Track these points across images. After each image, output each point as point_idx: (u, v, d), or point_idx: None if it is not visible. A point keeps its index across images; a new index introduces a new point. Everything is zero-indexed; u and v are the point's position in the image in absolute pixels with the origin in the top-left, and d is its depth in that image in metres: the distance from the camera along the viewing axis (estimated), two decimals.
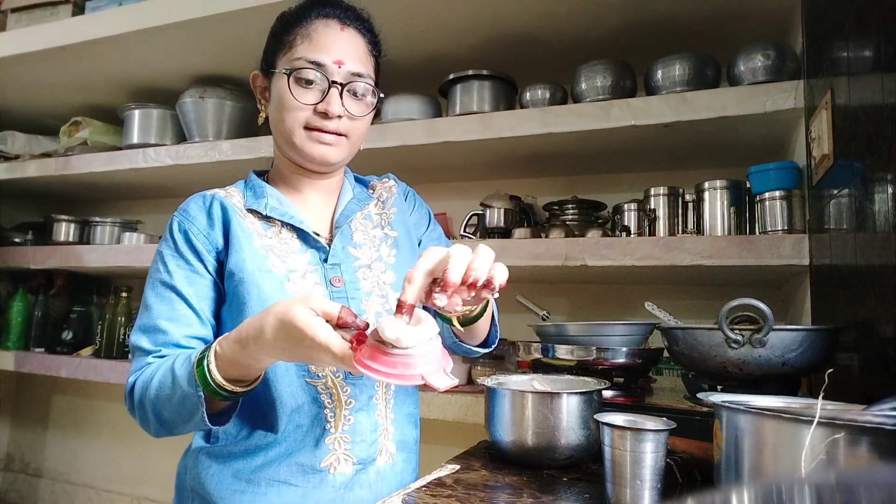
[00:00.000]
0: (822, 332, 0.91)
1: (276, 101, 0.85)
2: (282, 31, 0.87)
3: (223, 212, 0.85)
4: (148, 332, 0.79)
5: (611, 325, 1.17)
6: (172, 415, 0.73)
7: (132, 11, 1.75)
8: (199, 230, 0.83)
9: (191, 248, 0.82)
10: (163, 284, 0.80)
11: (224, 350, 0.69)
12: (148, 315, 0.80)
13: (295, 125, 0.83)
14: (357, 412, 0.82)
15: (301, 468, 0.79)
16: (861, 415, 0.57)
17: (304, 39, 0.83)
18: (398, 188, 1.00)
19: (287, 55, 0.84)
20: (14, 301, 2.31)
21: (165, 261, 0.82)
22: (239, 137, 1.91)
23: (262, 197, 0.87)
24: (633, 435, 0.68)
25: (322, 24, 0.84)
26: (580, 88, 1.52)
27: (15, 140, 2.32)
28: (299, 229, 0.86)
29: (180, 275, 0.81)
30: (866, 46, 0.85)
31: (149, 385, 0.74)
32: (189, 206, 0.86)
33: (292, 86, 0.82)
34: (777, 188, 1.32)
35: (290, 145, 0.85)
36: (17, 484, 2.74)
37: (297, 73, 0.82)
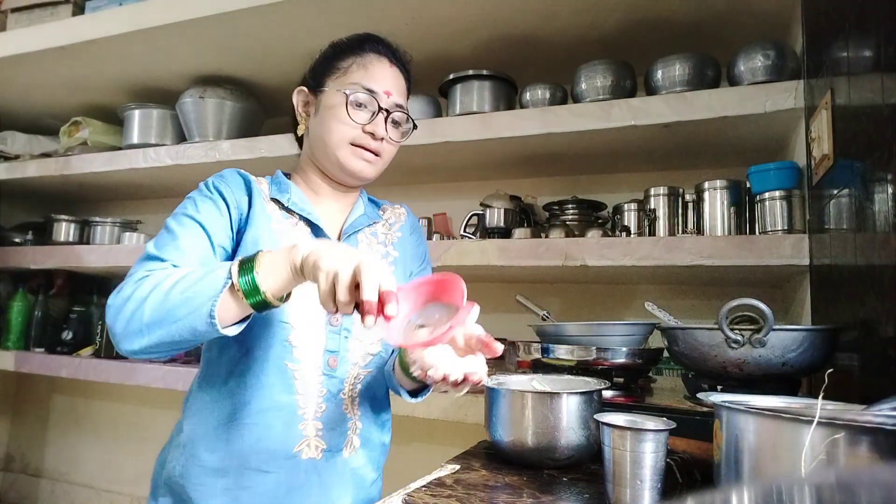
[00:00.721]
0: (822, 332, 0.91)
1: (324, 116, 0.92)
2: (334, 56, 0.95)
3: (251, 189, 0.91)
4: (165, 247, 0.80)
5: (611, 325, 1.17)
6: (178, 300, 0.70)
7: (132, 11, 1.75)
8: (232, 190, 0.89)
9: (221, 198, 0.87)
10: (188, 217, 0.84)
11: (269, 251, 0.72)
12: (169, 235, 0.82)
13: (343, 140, 0.91)
14: (328, 401, 0.87)
15: (272, 454, 0.82)
16: (861, 415, 0.57)
17: (360, 68, 0.93)
18: (408, 218, 1.08)
19: (341, 79, 0.93)
20: (14, 301, 2.31)
21: (196, 201, 0.86)
22: (239, 137, 1.91)
23: (286, 192, 0.93)
24: (633, 435, 0.68)
25: (375, 58, 0.94)
26: (580, 88, 1.52)
27: (15, 140, 2.32)
28: (314, 225, 0.92)
29: (207, 214, 0.85)
30: (866, 46, 0.85)
31: (162, 278, 0.73)
32: (225, 172, 0.92)
33: (348, 106, 0.90)
34: (777, 188, 1.32)
35: (331, 157, 0.92)
36: (17, 484, 2.74)
37: (353, 96, 0.90)
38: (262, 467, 0.82)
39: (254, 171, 0.97)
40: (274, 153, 1.79)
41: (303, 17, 1.61)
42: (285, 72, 1.92)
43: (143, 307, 0.72)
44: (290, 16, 1.61)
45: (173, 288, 0.71)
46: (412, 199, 2.00)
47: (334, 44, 0.98)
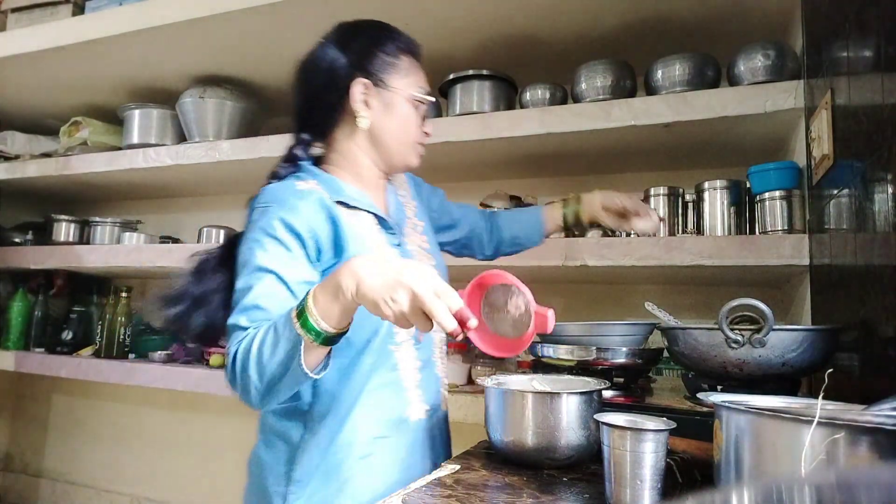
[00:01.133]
0: (822, 332, 0.91)
1: (393, 115, 0.97)
2: (391, 50, 0.97)
3: (320, 203, 0.90)
4: (247, 311, 0.83)
5: (611, 325, 1.17)
6: (273, 367, 0.76)
7: (132, 11, 1.75)
8: (299, 218, 0.87)
9: (292, 234, 0.86)
10: (260, 269, 0.84)
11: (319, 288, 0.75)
12: (246, 297, 0.83)
13: (415, 141, 1.00)
14: (423, 370, 0.98)
15: (390, 421, 0.92)
16: (861, 415, 0.57)
17: (417, 70, 1.00)
18: (409, 181, 1.15)
19: (405, 80, 0.97)
20: (14, 301, 2.31)
21: (264, 246, 0.85)
22: (239, 137, 1.91)
23: (341, 189, 0.94)
24: (633, 435, 0.68)
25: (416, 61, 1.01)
26: (580, 88, 1.52)
27: (15, 140, 2.32)
28: (380, 218, 0.97)
29: (279, 259, 0.85)
30: (866, 46, 0.85)
31: (250, 346, 0.78)
32: (284, 196, 0.89)
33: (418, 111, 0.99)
34: (777, 188, 1.32)
35: (399, 154, 0.99)
36: (17, 484, 2.74)
37: (422, 99, 0.99)
38: (382, 434, 0.92)
39: (254, 171, 0.97)
40: (274, 153, 1.78)
41: (303, 17, 1.61)
42: (285, 72, 1.90)
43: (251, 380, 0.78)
44: (290, 16, 1.61)
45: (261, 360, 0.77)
46: None
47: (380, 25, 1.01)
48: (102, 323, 2.12)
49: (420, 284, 0.68)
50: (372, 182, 1.00)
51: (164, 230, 2.38)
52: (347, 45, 0.97)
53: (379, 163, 0.99)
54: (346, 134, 0.98)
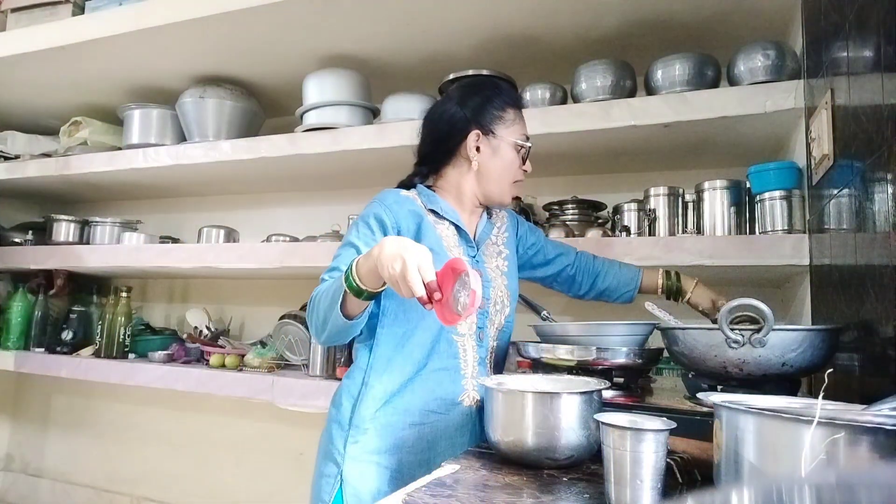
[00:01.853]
0: (822, 332, 0.91)
1: (504, 160, 1.16)
2: (499, 105, 1.17)
3: (411, 206, 1.13)
4: (330, 270, 1.07)
5: (611, 325, 1.17)
6: (326, 306, 0.98)
7: (132, 11, 1.76)
8: (390, 211, 1.10)
9: (378, 222, 1.09)
10: (349, 244, 1.08)
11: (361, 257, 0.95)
12: (335, 261, 1.08)
13: (511, 180, 1.18)
14: (480, 364, 1.14)
15: (444, 401, 1.09)
16: (861, 415, 0.57)
17: (521, 120, 1.19)
18: (508, 217, 1.32)
19: (511, 129, 1.17)
20: (14, 301, 2.31)
21: (358, 228, 1.10)
22: (239, 137, 1.91)
23: (437, 203, 1.17)
24: (633, 435, 0.68)
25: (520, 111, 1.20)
26: (580, 88, 1.52)
27: (15, 140, 2.32)
28: (461, 229, 1.17)
29: (363, 237, 1.08)
30: (866, 46, 0.85)
31: (319, 291, 1.03)
32: (386, 196, 1.14)
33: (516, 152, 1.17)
34: (777, 188, 1.32)
35: (496, 192, 1.18)
36: (17, 484, 2.74)
37: (523, 147, 1.18)
38: (437, 410, 1.08)
39: (254, 171, 0.98)
40: (274, 153, 1.79)
41: (303, 17, 1.61)
42: (285, 72, 1.92)
43: (314, 314, 1.03)
44: (290, 16, 1.61)
45: (320, 301, 1.01)
46: None
47: (496, 87, 1.20)
48: (102, 323, 2.12)
49: (410, 258, 0.85)
50: (468, 207, 1.20)
51: (164, 230, 2.39)
52: (465, 101, 1.17)
53: (479, 196, 1.19)
54: (458, 170, 1.18)
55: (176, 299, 2.53)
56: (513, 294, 1.23)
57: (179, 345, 2.07)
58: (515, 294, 1.25)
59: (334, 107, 1.78)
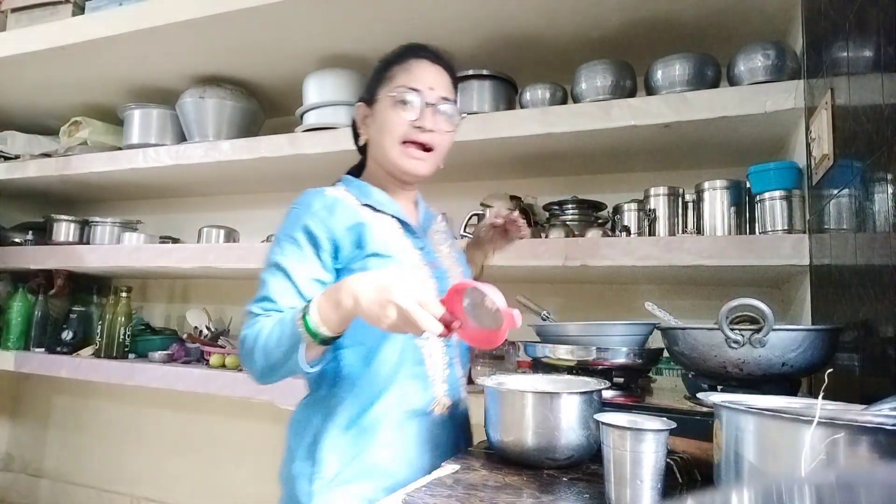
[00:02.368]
0: (822, 332, 0.91)
1: (379, 123, 1.03)
2: (383, 69, 1.06)
3: (344, 207, 0.99)
4: (260, 301, 0.94)
5: (611, 325, 1.17)
6: (276, 354, 0.87)
7: (132, 11, 1.75)
8: (320, 221, 0.96)
9: (308, 237, 0.96)
10: (276, 266, 0.95)
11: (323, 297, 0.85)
12: (263, 289, 0.95)
13: (394, 140, 1.01)
14: (449, 367, 1.03)
15: (414, 412, 0.98)
16: (861, 415, 0.57)
17: (403, 72, 1.02)
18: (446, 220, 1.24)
19: (388, 86, 1.02)
20: (14, 301, 2.31)
21: (282, 246, 0.96)
22: (239, 137, 1.91)
23: (369, 194, 1.04)
24: (633, 435, 0.68)
25: (415, 61, 1.04)
26: (580, 88, 1.52)
27: (15, 140, 2.32)
28: (403, 222, 1.04)
29: (292, 259, 0.95)
30: (866, 46, 0.85)
31: (259, 333, 0.89)
32: (311, 201, 0.99)
33: (394, 106, 1.00)
34: (777, 188, 1.32)
35: (387, 159, 1.03)
36: (17, 484, 2.74)
37: (398, 96, 1.00)
38: (407, 423, 0.97)
39: (254, 171, 0.98)
40: (274, 153, 1.79)
41: (303, 17, 1.61)
42: (285, 72, 1.92)
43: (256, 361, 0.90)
44: (290, 16, 1.61)
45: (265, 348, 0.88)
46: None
47: (382, 59, 1.08)
48: (102, 323, 2.12)
49: (405, 300, 0.77)
50: (396, 192, 1.08)
51: (164, 230, 2.38)
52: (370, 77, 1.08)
53: (388, 171, 1.06)
54: (369, 151, 1.09)
55: (176, 299, 2.53)
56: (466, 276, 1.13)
57: (179, 345, 2.07)
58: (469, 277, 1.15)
59: (334, 107, 1.78)
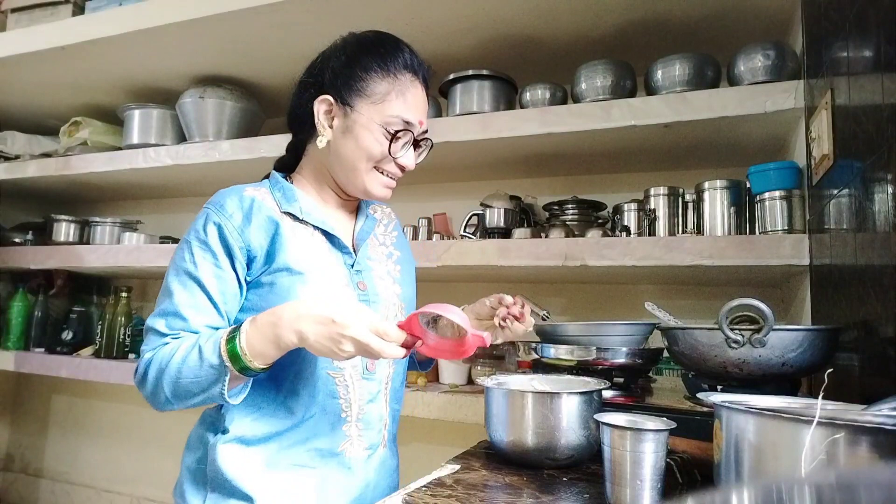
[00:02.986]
0: (822, 332, 0.91)
1: (358, 140, 0.89)
2: (365, 70, 0.90)
3: (261, 212, 0.88)
4: (167, 317, 0.84)
5: (611, 325, 1.17)
6: (189, 386, 0.79)
7: (132, 11, 1.75)
8: (234, 227, 0.86)
9: (223, 244, 0.85)
10: (187, 274, 0.84)
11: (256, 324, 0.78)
12: (169, 301, 0.84)
13: (368, 166, 0.91)
14: (368, 403, 0.92)
15: (319, 452, 0.87)
16: (861, 415, 0.57)
17: (399, 97, 0.90)
18: (396, 218, 1.12)
19: (378, 107, 0.89)
20: (14, 301, 2.31)
21: (193, 252, 0.85)
22: (239, 137, 1.91)
23: (294, 200, 0.92)
24: (633, 435, 0.68)
25: (410, 81, 0.92)
26: (580, 88, 1.52)
27: (15, 140, 2.32)
28: (330, 235, 0.93)
29: (207, 268, 0.84)
30: (866, 46, 0.85)
31: (169, 359, 0.80)
32: (224, 201, 0.88)
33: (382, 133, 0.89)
34: (777, 188, 1.32)
35: (356, 180, 0.92)
36: (17, 484, 2.74)
37: (391, 128, 0.89)
38: (309, 464, 0.87)
39: (254, 172, 0.97)
40: (274, 153, 1.79)
41: (303, 17, 1.61)
42: (285, 72, 1.92)
43: (162, 388, 0.80)
44: (290, 16, 1.61)
45: (179, 376, 0.79)
46: (412, 199, 2.00)
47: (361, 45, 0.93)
48: (102, 323, 2.12)
49: (360, 332, 0.73)
50: (334, 201, 0.98)
51: (164, 230, 2.38)
52: (330, 59, 0.93)
53: (342, 185, 0.94)
54: (316, 149, 0.93)
55: None
56: (408, 304, 1.00)
57: None
58: (412, 303, 1.03)
59: None
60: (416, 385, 1.62)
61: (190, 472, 0.90)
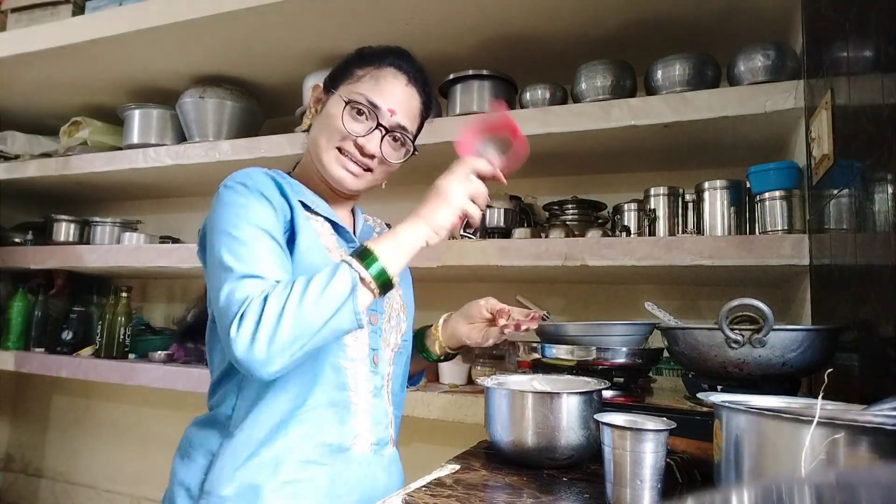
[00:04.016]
0: (822, 332, 0.91)
1: (324, 117, 0.92)
2: (355, 63, 0.95)
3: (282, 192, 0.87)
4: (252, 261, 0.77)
5: (611, 325, 1.17)
6: (315, 311, 0.72)
7: (132, 11, 1.75)
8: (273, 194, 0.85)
9: (268, 202, 0.83)
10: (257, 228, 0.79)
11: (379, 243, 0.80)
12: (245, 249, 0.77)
13: (331, 144, 0.90)
14: (375, 397, 0.91)
15: (329, 447, 0.84)
16: (861, 415, 0.57)
17: (372, 79, 0.91)
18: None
19: (351, 86, 0.91)
20: (14, 301, 2.31)
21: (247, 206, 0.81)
22: (239, 137, 1.91)
23: (302, 192, 0.92)
24: (633, 435, 0.68)
25: (392, 73, 0.93)
26: (580, 88, 1.52)
27: (15, 140, 2.32)
28: (339, 226, 0.93)
29: (266, 218, 0.81)
30: (866, 46, 0.85)
31: (288, 292, 0.73)
32: (254, 174, 0.86)
33: (345, 113, 0.89)
34: (777, 188, 1.32)
35: (318, 158, 0.92)
36: (17, 484, 2.74)
37: (353, 104, 0.89)
38: (318, 460, 0.83)
39: None
40: (274, 153, 1.79)
41: (303, 17, 1.61)
42: (285, 72, 1.92)
43: (280, 328, 0.71)
44: (290, 16, 1.61)
45: (303, 301, 0.73)
46: (412, 199, 1.99)
47: (361, 50, 0.97)
48: (102, 323, 2.12)
49: (462, 203, 0.87)
50: (328, 195, 0.96)
51: (164, 230, 2.38)
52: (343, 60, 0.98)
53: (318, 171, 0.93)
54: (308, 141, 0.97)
55: (176, 299, 2.53)
56: (409, 306, 1.00)
57: (179, 345, 2.07)
58: (412, 306, 1.02)
59: None
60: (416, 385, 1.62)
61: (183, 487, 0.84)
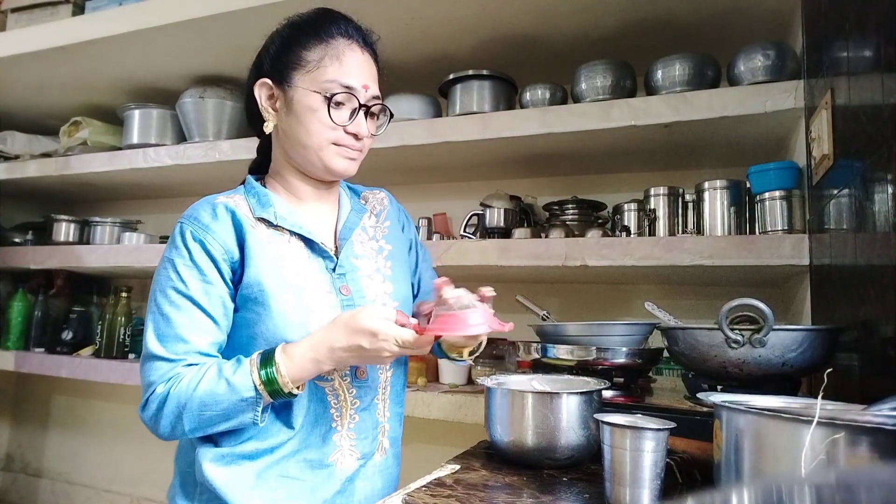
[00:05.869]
0: (822, 332, 0.91)
1: (301, 116, 0.87)
2: (297, 43, 0.89)
3: (234, 221, 0.86)
4: (167, 341, 0.81)
5: (611, 325, 1.17)
6: (215, 418, 0.78)
7: (132, 11, 1.75)
8: (214, 238, 0.84)
9: (207, 257, 0.83)
10: (178, 293, 0.81)
11: (292, 358, 0.78)
12: (166, 324, 0.81)
13: (326, 142, 0.87)
14: (361, 411, 0.89)
15: (309, 463, 0.85)
16: (861, 415, 0.57)
17: (334, 61, 0.87)
18: (390, 204, 1.05)
19: (313, 74, 0.87)
20: (14, 301, 2.31)
21: (178, 270, 0.82)
22: (239, 137, 1.91)
23: (269, 206, 0.89)
24: (633, 435, 0.68)
25: (345, 44, 0.89)
26: (580, 88, 1.52)
27: (15, 140, 2.32)
28: (308, 239, 0.89)
29: (196, 285, 0.82)
30: (866, 46, 0.85)
31: (190, 394, 0.78)
32: (199, 213, 0.85)
33: (323, 104, 0.86)
34: (777, 188, 1.32)
35: (313, 159, 0.88)
36: (17, 484, 2.74)
37: (331, 96, 0.86)
38: (299, 476, 0.84)
39: None
40: None
41: None
42: None
43: (182, 423, 0.78)
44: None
45: (203, 410, 0.77)
46: (412, 199, 2.00)
47: (293, 24, 0.92)
48: (102, 323, 2.12)
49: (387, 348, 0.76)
50: (308, 193, 0.93)
51: (164, 230, 2.38)
52: (269, 45, 0.92)
53: (305, 171, 0.91)
54: (277, 141, 0.93)
55: None
56: (403, 302, 0.95)
57: None
58: (409, 301, 0.98)
59: None
60: (416, 385, 1.62)
61: (182, 476, 0.88)
